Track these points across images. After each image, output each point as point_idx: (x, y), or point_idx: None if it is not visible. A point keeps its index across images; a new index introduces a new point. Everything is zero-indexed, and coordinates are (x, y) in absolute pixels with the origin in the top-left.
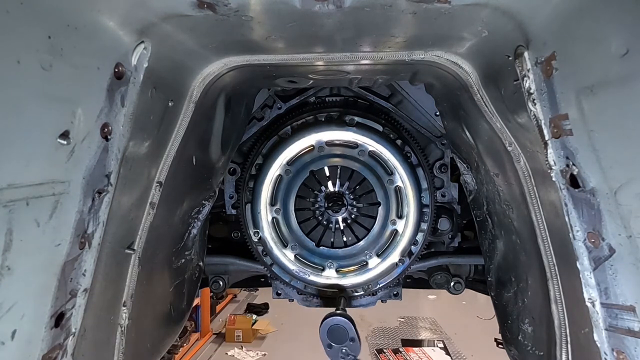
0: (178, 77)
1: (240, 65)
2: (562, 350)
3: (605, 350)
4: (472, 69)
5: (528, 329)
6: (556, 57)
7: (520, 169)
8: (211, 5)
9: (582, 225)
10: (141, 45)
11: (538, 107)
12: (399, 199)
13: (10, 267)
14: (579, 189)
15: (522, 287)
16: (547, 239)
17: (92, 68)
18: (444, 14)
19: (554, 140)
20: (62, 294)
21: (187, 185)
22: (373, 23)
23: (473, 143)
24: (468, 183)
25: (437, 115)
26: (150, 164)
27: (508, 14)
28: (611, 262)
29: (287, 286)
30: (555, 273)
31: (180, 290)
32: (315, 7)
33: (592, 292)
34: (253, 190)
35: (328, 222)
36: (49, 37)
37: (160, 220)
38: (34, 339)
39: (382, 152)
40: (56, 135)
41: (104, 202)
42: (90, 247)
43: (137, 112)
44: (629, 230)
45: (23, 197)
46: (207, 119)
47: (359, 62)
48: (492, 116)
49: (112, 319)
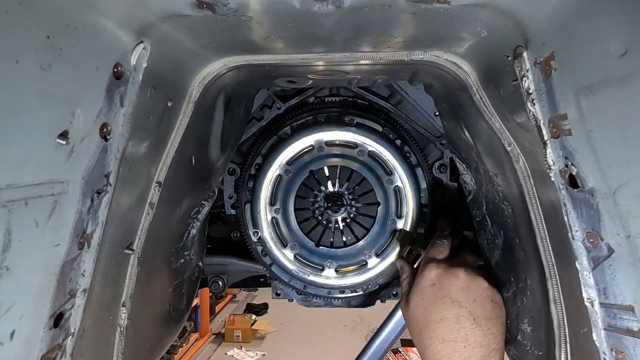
0: (177, 77)
1: (239, 65)
2: (561, 350)
3: (604, 350)
4: (471, 69)
5: (527, 329)
6: (555, 57)
7: (519, 169)
8: (210, 5)
9: (581, 225)
10: (140, 45)
11: (537, 107)
12: (398, 198)
13: (9, 267)
14: (578, 189)
15: (521, 287)
16: (546, 239)
17: (91, 68)
18: (443, 14)
19: (553, 140)
20: (61, 294)
21: (187, 186)
22: (372, 23)
23: (472, 143)
24: (467, 183)
25: (436, 115)
26: (149, 164)
27: (507, 14)
28: (610, 262)
29: (287, 286)
30: (554, 273)
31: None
32: (315, 7)
33: (591, 292)
34: (252, 190)
35: (327, 222)
36: (48, 37)
37: (159, 220)
38: (32, 339)
39: (381, 152)
40: (55, 135)
41: (103, 202)
42: (89, 247)
43: (136, 112)
44: (628, 230)
45: (22, 197)
46: (207, 119)
47: (358, 62)
48: (491, 116)
49: (111, 319)
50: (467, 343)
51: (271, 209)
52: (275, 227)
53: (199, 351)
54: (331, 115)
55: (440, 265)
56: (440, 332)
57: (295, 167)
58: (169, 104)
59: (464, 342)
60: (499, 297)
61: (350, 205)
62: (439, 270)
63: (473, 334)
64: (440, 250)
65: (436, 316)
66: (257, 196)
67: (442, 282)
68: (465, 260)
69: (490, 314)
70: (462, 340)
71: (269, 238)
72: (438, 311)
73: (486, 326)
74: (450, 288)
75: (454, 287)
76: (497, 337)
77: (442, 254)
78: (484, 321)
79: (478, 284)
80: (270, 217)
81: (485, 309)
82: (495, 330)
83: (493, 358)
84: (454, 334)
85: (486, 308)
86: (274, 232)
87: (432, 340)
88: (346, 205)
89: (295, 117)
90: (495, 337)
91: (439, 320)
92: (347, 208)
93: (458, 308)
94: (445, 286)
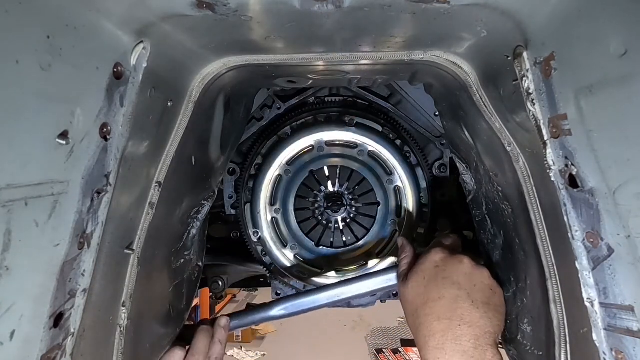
0: (177, 77)
1: (239, 65)
2: (561, 349)
3: (604, 350)
4: (471, 69)
5: (527, 329)
6: (555, 57)
7: (519, 169)
8: (210, 5)
9: (581, 225)
10: (140, 45)
11: (537, 107)
12: (398, 198)
13: (9, 267)
14: (578, 189)
15: (521, 286)
16: (546, 239)
17: (91, 68)
18: (443, 14)
19: (553, 141)
20: (61, 294)
21: (187, 186)
22: (372, 23)
23: (472, 143)
24: (467, 183)
25: (436, 115)
26: (149, 164)
27: (507, 14)
28: (610, 262)
29: (287, 286)
30: (554, 273)
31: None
32: (315, 7)
33: (591, 291)
34: (252, 190)
35: (327, 221)
36: (48, 37)
37: (159, 220)
38: (32, 340)
39: (381, 152)
40: (55, 135)
41: (103, 202)
42: (89, 247)
43: (137, 112)
44: (628, 230)
45: (22, 197)
46: (207, 119)
47: (358, 62)
48: (491, 116)
49: (111, 319)
50: (462, 322)
51: (271, 209)
52: (275, 227)
53: None
54: (331, 115)
55: (446, 250)
56: (437, 310)
57: (295, 167)
58: (169, 104)
59: (459, 320)
60: (499, 290)
61: (350, 205)
62: (444, 254)
63: (469, 315)
64: (451, 239)
65: (435, 294)
66: (257, 196)
67: (445, 265)
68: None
69: (489, 300)
70: (458, 319)
71: (269, 238)
72: (437, 290)
73: (483, 310)
74: (453, 271)
75: (456, 271)
76: (492, 322)
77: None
78: (482, 305)
79: (481, 272)
80: (270, 217)
81: (484, 294)
82: (491, 315)
83: (486, 340)
84: (450, 313)
85: (485, 294)
86: (274, 232)
87: (428, 317)
88: (346, 205)
89: (295, 117)
90: (491, 321)
91: (437, 298)
92: (347, 208)
93: (457, 289)
94: (448, 269)
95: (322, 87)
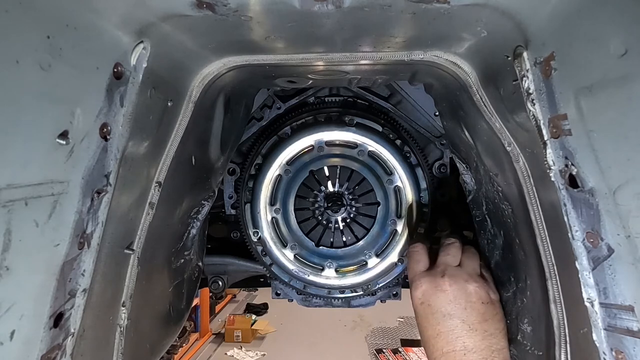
0: (177, 77)
1: (239, 65)
2: (561, 350)
3: (604, 350)
4: (471, 69)
5: (527, 329)
6: (555, 57)
7: (519, 169)
8: (210, 5)
9: (581, 225)
10: (140, 45)
11: (537, 107)
12: (399, 198)
13: (9, 267)
14: (578, 189)
15: (521, 286)
16: (546, 239)
17: (91, 68)
18: (443, 14)
19: (553, 141)
20: (61, 294)
21: (187, 186)
22: (372, 23)
23: (472, 143)
24: (467, 183)
25: (436, 115)
26: (149, 164)
27: (507, 14)
28: (610, 262)
29: (287, 286)
30: (554, 273)
31: (180, 291)
32: (315, 7)
33: (590, 292)
34: (252, 190)
35: (327, 222)
36: (47, 37)
37: (159, 220)
38: (32, 339)
39: (381, 152)
40: (55, 135)
41: (103, 202)
42: (89, 247)
43: (136, 112)
44: (628, 230)
45: (22, 197)
46: (207, 119)
47: (358, 62)
48: (491, 116)
49: (111, 319)
50: (466, 350)
51: (271, 209)
52: (275, 227)
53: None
54: (331, 115)
55: (424, 280)
56: (440, 345)
57: (295, 167)
58: (169, 104)
59: (464, 350)
60: (493, 296)
61: (350, 205)
62: (424, 286)
63: (471, 341)
64: (418, 260)
65: (432, 332)
66: (257, 196)
67: (429, 299)
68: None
69: (484, 316)
70: (462, 349)
71: (269, 238)
72: (432, 328)
73: (482, 329)
74: (438, 303)
75: (441, 301)
76: (496, 337)
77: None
78: (479, 325)
79: (464, 291)
80: (270, 217)
81: (478, 312)
82: (493, 330)
83: (497, 358)
84: (452, 345)
85: (479, 311)
86: (274, 232)
87: (434, 353)
88: (346, 205)
89: (295, 117)
90: (495, 336)
91: (435, 335)
92: (347, 208)
93: (450, 320)
94: (432, 303)
95: (322, 87)
